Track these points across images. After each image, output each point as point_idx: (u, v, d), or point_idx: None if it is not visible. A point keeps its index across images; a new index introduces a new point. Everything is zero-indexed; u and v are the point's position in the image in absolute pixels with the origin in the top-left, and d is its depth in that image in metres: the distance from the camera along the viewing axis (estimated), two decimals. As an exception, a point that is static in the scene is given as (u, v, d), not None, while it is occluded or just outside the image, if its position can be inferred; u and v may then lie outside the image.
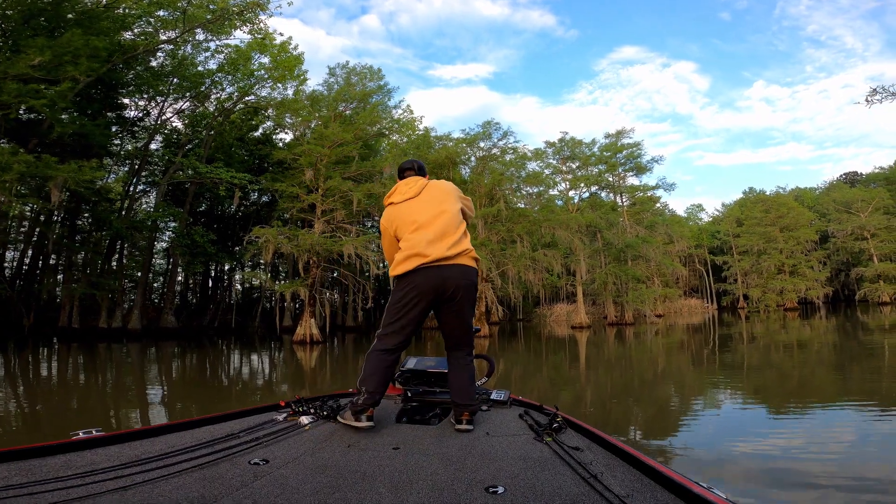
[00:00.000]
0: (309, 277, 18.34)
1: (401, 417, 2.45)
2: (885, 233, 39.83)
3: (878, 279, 39.24)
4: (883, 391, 6.73)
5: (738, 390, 7.65)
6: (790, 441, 4.50)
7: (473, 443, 1.98)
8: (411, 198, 2.45)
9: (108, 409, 7.07)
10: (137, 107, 24.88)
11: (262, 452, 1.79)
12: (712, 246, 50.15)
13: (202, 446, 1.77)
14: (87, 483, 1.37)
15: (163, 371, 11.83)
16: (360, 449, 1.90)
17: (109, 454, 1.65)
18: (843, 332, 17.01)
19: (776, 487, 3.32)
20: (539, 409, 2.48)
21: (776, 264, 40.97)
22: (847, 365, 9.56)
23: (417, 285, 2.28)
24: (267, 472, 1.59)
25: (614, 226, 29.78)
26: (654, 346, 15.63)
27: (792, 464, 3.79)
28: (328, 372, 11.89)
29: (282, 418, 2.28)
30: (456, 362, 2.41)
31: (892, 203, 41.76)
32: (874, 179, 50.43)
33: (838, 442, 4.39)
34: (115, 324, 22.03)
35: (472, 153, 26.58)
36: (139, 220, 23.16)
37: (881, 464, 3.77)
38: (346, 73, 23.40)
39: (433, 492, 1.45)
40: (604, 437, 1.88)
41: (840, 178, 57.71)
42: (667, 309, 38.94)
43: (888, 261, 39.59)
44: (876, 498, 3.12)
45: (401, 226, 2.40)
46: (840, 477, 3.39)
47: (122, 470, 1.50)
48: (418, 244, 2.30)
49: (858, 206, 41.77)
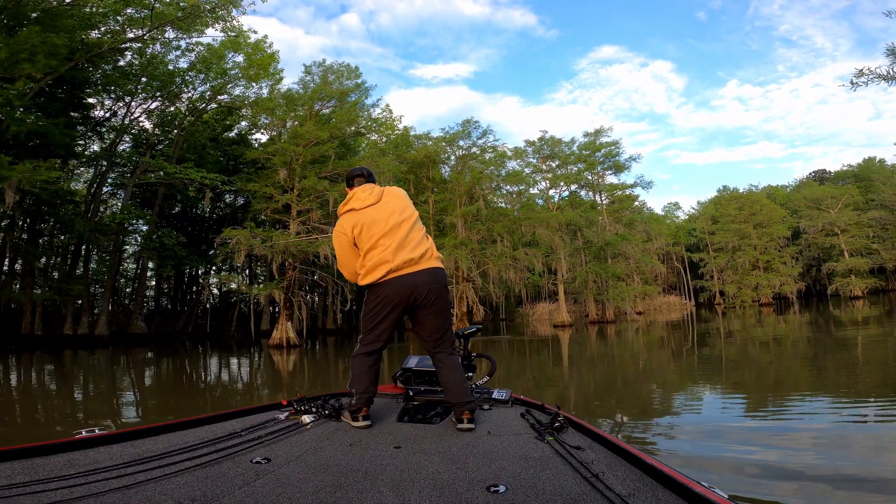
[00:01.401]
0: (284, 280, 17.83)
1: (402, 416, 2.45)
2: (855, 228, 41.04)
3: (849, 273, 40.40)
4: (858, 384, 6.80)
5: (718, 385, 7.66)
6: (769, 435, 4.53)
7: (475, 442, 1.98)
8: (372, 204, 2.40)
9: (64, 418, 6.58)
10: (104, 106, 23.97)
11: (264, 451, 1.79)
12: (689, 243, 51.05)
13: (204, 445, 1.77)
14: (90, 482, 1.37)
15: (134, 377, 11.25)
16: (361, 448, 1.90)
17: (111, 453, 1.66)
18: (817, 327, 17.31)
19: (758, 478, 3.33)
20: (540, 409, 2.48)
21: (750, 260, 41.87)
22: (821, 357, 9.63)
23: (388, 294, 2.31)
24: (269, 470, 1.59)
25: (594, 224, 29.96)
26: (635, 344, 15.63)
27: (771, 455, 3.83)
28: (305, 377, 11.45)
29: (283, 417, 2.30)
30: (441, 363, 2.40)
31: (861, 199, 43.11)
32: (843, 177, 52.06)
33: (815, 433, 4.43)
34: (81, 330, 21.10)
35: (451, 152, 26.41)
36: (104, 223, 22.23)
37: (856, 453, 3.83)
38: (322, 71, 22.89)
39: (435, 491, 1.44)
40: (605, 437, 1.87)
41: (810, 175, 59.50)
42: (646, 306, 39.40)
43: (858, 255, 40.80)
44: (853, 486, 3.16)
45: (364, 232, 2.36)
46: (819, 468, 3.44)
47: (125, 469, 1.50)
48: (385, 252, 2.30)
49: (828, 203, 42.98)
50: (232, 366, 14.61)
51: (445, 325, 2.43)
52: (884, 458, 3.68)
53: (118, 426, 6.13)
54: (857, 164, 52.66)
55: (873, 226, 41.21)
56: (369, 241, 2.34)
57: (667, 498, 1.31)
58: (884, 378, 7.07)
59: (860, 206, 42.50)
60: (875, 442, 4.14)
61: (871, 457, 3.74)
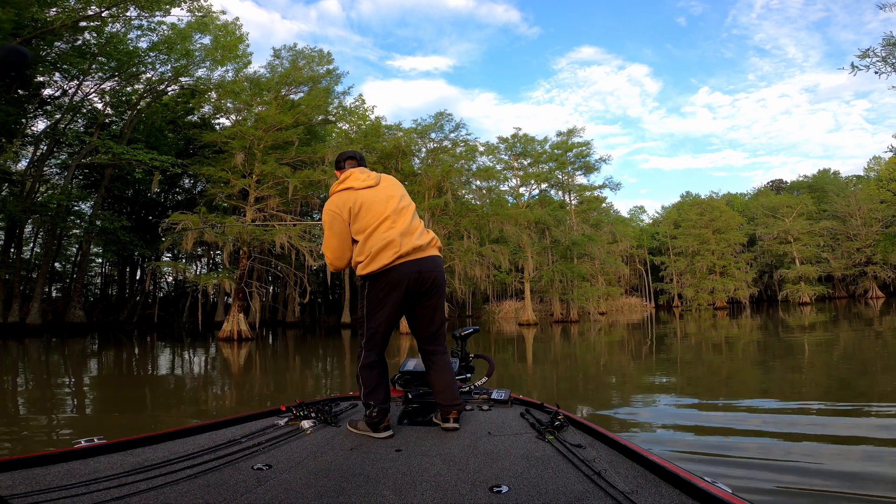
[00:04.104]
0: (238, 270, 16.92)
1: (402, 419, 2.45)
2: (807, 237, 42.97)
3: (799, 281, 42.31)
4: (803, 382, 7.05)
5: (673, 383, 7.74)
6: (722, 427, 4.72)
7: (476, 443, 1.99)
8: (370, 186, 2.30)
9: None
10: (53, 85, 22.24)
11: (265, 458, 1.79)
12: (652, 247, 52.36)
13: (204, 453, 1.76)
14: (91, 491, 1.37)
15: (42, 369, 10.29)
16: (362, 452, 1.91)
17: (112, 462, 1.65)
18: (768, 331, 17.85)
19: (713, 466, 3.53)
20: (540, 408, 2.49)
21: (708, 265, 43.26)
22: (770, 361, 9.87)
23: (396, 278, 2.21)
24: (270, 477, 1.58)
25: (562, 223, 30.13)
26: (597, 344, 15.67)
27: (724, 448, 4.00)
28: (255, 376, 10.67)
29: (283, 423, 2.29)
30: (434, 363, 2.35)
31: (814, 209, 45.18)
32: (798, 187, 54.50)
33: (762, 427, 4.67)
34: (11, 318, 19.53)
35: (422, 144, 25.93)
36: (39, 205, 20.61)
37: (801, 441, 4.13)
38: (293, 55, 21.94)
39: (437, 493, 1.44)
40: (606, 434, 1.88)
41: (767, 184, 62.09)
42: (609, 307, 40.09)
43: (809, 263, 42.77)
44: (802, 468, 3.37)
45: (363, 214, 2.24)
46: (767, 458, 3.67)
47: (125, 478, 1.49)
48: (390, 236, 2.19)
49: (784, 212, 44.85)
50: (165, 358, 13.71)
51: (442, 318, 2.39)
52: (822, 448, 3.89)
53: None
54: (813, 175, 55.24)
55: (824, 235, 43.29)
56: (370, 225, 2.22)
57: (670, 494, 1.31)
58: (827, 376, 7.43)
59: (813, 216, 44.54)
60: (819, 430, 4.41)
61: (813, 450, 3.91)
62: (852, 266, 43.21)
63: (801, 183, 55.05)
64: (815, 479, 3.15)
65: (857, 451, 3.78)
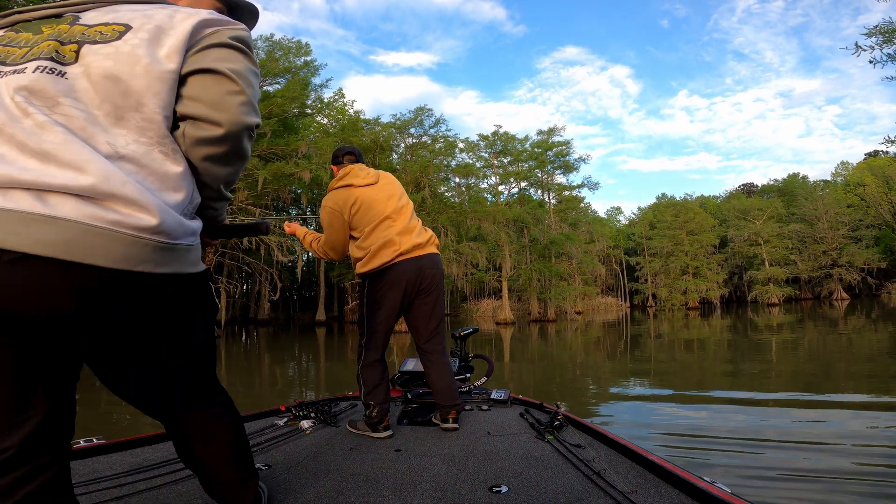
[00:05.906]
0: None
1: (401, 419, 2.45)
2: (776, 239, 44.19)
3: (768, 282, 43.48)
4: (772, 376, 7.44)
5: (647, 380, 7.85)
6: (697, 420, 5.00)
7: (475, 443, 1.99)
8: (370, 184, 2.31)
9: None
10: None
11: (264, 458, 1.79)
12: (628, 247, 53.08)
13: None
14: (91, 491, 1.37)
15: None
16: (362, 452, 1.90)
17: (111, 462, 1.66)
18: (737, 331, 18.16)
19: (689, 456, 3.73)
20: (539, 408, 2.49)
21: (682, 266, 44.10)
22: (739, 359, 10.06)
23: (396, 276, 2.22)
24: (269, 477, 1.57)
25: (541, 222, 30.12)
26: (573, 343, 15.63)
27: (700, 439, 4.24)
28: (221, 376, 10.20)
29: (282, 423, 2.29)
30: (433, 363, 2.34)
31: (784, 212, 46.50)
32: (768, 190, 56.02)
33: (735, 419, 4.99)
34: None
35: (401, 140, 25.54)
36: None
37: (772, 429, 4.52)
38: (269, 46, 21.27)
39: (437, 493, 1.44)
40: (605, 434, 1.88)
41: (739, 188, 63.77)
42: (586, 306, 40.44)
43: (777, 265, 44.00)
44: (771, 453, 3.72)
45: (363, 211, 2.24)
46: (739, 443, 4.02)
47: (125, 478, 1.50)
48: (391, 234, 2.22)
49: (754, 214, 46.04)
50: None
51: (441, 317, 2.40)
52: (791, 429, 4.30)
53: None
54: (783, 179, 56.89)
55: (793, 238, 44.60)
56: (370, 223, 2.23)
57: (669, 493, 1.32)
58: (794, 372, 7.85)
59: (782, 219, 45.85)
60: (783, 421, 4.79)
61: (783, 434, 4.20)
62: (818, 268, 44.60)
63: (772, 187, 56.61)
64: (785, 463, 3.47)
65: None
